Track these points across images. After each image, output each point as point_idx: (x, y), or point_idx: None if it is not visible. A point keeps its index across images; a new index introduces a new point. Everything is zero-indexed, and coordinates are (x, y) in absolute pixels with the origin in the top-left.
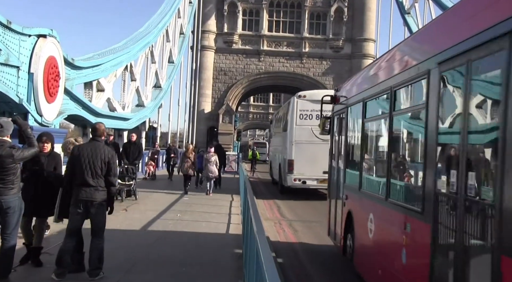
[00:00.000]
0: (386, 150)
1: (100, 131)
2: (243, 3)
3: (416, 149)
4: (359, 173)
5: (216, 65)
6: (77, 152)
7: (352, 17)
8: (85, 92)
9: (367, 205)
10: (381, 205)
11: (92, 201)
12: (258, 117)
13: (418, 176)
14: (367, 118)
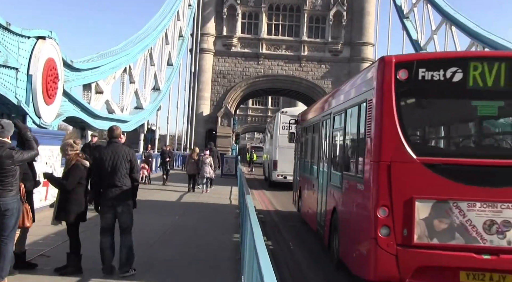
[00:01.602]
0: (313, 152)
1: (116, 133)
2: (242, 6)
3: (324, 148)
4: (303, 164)
5: (215, 68)
6: (99, 155)
7: (351, 21)
8: (84, 94)
9: (305, 180)
10: (308, 178)
11: (119, 200)
12: (257, 120)
13: (318, 163)
14: (307, 134)
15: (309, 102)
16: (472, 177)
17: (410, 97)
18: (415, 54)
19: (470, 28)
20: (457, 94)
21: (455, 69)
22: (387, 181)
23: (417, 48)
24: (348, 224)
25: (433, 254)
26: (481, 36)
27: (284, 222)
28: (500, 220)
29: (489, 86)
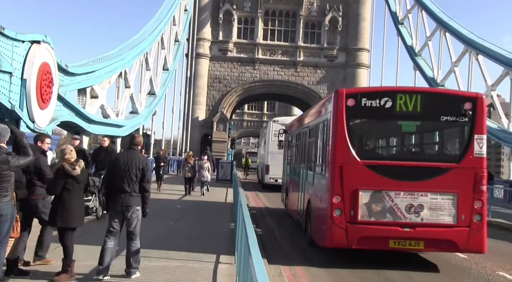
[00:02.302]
0: (296, 157)
1: (137, 140)
2: (238, 12)
3: (303, 155)
4: (289, 167)
5: (210, 73)
6: (114, 160)
7: (347, 26)
8: (79, 99)
9: (290, 181)
10: (292, 179)
11: (128, 206)
12: (253, 125)
13: (299, 166)
14: (292, 142)
15: (304, 107)
16: (398, 174)
17: (356, 118)
18: (359, 88)
19: (463, 35)
20: (388, 116)
21: (387, 99)
22: (339, 177)
23: (412, 54)
24: (316, 209)
25: (371, 228)
26: (474, 42)
27: (272, 215)
28: (417, 204)
29: (410, 111)
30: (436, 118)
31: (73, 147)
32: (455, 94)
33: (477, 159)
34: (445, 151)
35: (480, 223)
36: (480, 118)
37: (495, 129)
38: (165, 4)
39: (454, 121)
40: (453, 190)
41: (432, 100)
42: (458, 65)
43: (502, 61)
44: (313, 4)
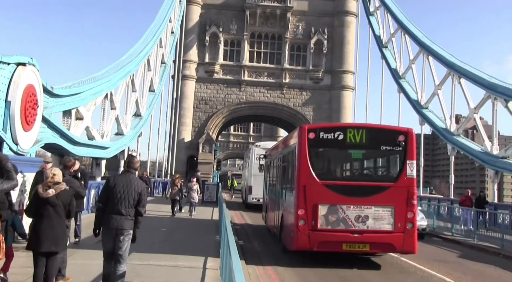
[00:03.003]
0: (273, 179)
1: (135, 165)
2: (224, 34)
3: (278, 177)
4: (268, 187)
5: (197, 94)
6: (112, 183)
7: (332, 49)
8: (64, 120)
9: (269, 199)
10: (270, 197)
11: (122, 229)
12: (239, 146)
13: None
14: (270, 166)
15: (290, 129)
16: (349, 192)
17: (315, 148)
18: (318, 125)
19: (446, 58)
20: (340, 146)
21: (339, 133)
22: (303, 194)
23: (396, 77)
24: (287, 221)
25: (328, 234)
26: (456, 66)
27: (254, 231)
28: (363, 215)
29: (357, 142)
30: (378, 148)
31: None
32: (392, 129)
33: (409, 179)
34: (385, 173)
35: (412, 229)
36: (410, 147)
37: (479, 151)
38: (152, 27)
39: (391, 150)
40: (391, 204)
41: (374, 134)
42: (441, 88)
43: (484, 85)
44: (298, 27)
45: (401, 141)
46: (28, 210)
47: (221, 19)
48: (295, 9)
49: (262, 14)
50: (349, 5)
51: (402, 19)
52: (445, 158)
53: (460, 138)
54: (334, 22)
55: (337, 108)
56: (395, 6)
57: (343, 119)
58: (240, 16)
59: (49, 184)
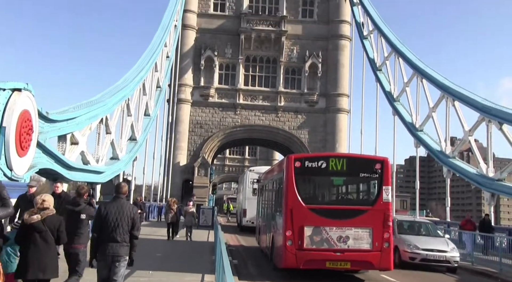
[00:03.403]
0: (265, 202)
1: (123, 190)
2: (219, 58)
3: (269, 201)
4: (261, 210)
5: (192, 118)
6: (104, 211)
7: (326, 72)
8: (59, 145)
9: (261, 221)
10: (263, 220)
11: (118, 256)
12: (234, 170)
13: (267, 209)
14: (263, 190)
15: (285, 152)
16: (331, 215)
17: (301, 175)
18: (304, 154)
19: (439, 81)
20: (323, 174)
21: (323, 161)
22: (290, 217)
23: (391, 100)
24: (276, 241)
25: (313, 253)
26: (450, 89)
27: (247, 252)
28: (344, 235)
29: (338, 170)
30: (357, 175)
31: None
32: (369, 158)
33: (385, 203)
34: (363, 198)
35: (388, 248)
36: (386, 175)
37: (475, 174)
38: (147, 51)
39: (369, 177)
40: (369, 226)
41: (353, 163)
42: (435, 111)
43: (478, 107)
44: (293, 51)
45: (377, 169)
46: (16, 238)
47: (216, 43)
48: (290, 33)
49: (257, 38)
50: (343, 29)
51: (395, 42)
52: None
53: (455, 160)
54: (328, 45)
55: (332, 131)
56: (388, 30)
57: (338, 142)
58: (235, 40)
59: (36, 210)
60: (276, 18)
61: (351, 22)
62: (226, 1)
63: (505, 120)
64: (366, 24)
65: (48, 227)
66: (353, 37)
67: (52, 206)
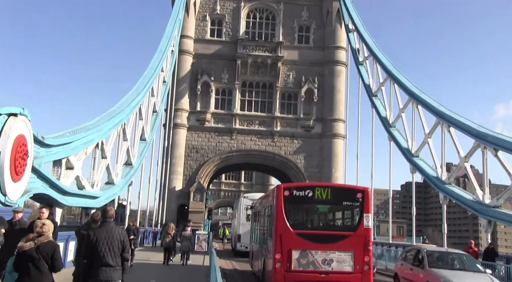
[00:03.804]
0: (258, 227)
1: (109, 214)
2: (216, 83)
3: (261, 226)
4: (254, 235)
5: (188, 143)
6: (94, 236)
7: (322, 98)
8: (54, 170)
9: (254, 246)
10: (256, 244)
11: (112, 280)
12: (230, 195)
13: (259, 234)
14: (256, 216)
15: (282, 177)
16: (317, 239)
17: (290, 203)
18: (292, 184)
19: (435, 107)
20: (310, 202)
21: (309, 191)
22: (280, 241)
23: (386, 125)
24: (267, 264)
25: (300, 275)
26: (446, 115)
27: (241, 274)
28: (329, 258)
29: (323, 199)
30: (340, 203)
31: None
32: (351, 188)
33: (366, 229)
34: (346, 224)
35: (368, 270)
36: (367, 203)
37: (471, 200)
38: (144, 76)
39: (351, 205)
40: (351, 250)
41: (337, 192)
42: (431, 137)
43: (473, 134)
44: (289, 76)
45: (359, 198)
46: (14, 266)
47: (213, 68)
48: (286, 58)
49: (253, 64)
50: (339, 55)
51: (390, 68)
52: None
53: (451, 186)
54: (324, 71)
55: (329, 156)
56: (384, 56)
57: (334, 167)
58: (232, 65)
59: (32, 236)
60: (273, 44)
61: (347, 48)
62: (223, 27)
63: (500, 146)
64: (361, 50)
65: (41, 254)
66: (348, 63)
67: (50, 232)
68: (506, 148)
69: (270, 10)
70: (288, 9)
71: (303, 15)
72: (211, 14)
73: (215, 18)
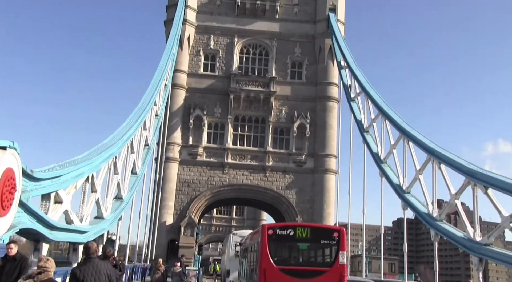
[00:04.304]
0: (245, 263)
1: (92, 250)
2: (208, 117)
3: (248, 262)
4: (242, 271)
5: (180, 177)
6: (80, 274)
7: (314, 133)
8: (42, 204)
9: (242, 280)
10: (243, 279)
11: None
12: (221, 229)
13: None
14: (243, 253)
15: (273, 212)
16: (298, 274)
17: (273, 241)
18: (276, 224)
19: (425, 144)
20: (291, 240)
21: (291, 230)
22: (264, 276)
23: (378, 161)
24: None
25: None
26: (436, 152)
27: None
28: None
29: (304, 237)
30: (318, 241)
31: None
32: (328, 228)
33: (341, 266)
34: (324, 260)
35: None
36: (342, 242)
37: (462, 238)
38: (137, 109)
39: (328, 243)
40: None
41: (316, 231)
42: (422, 173)
43: (463, 171)
44: (281, 111)
45: (335, 237)
46: None
47: (206, 102)
48: (278, 93)
49: (246, 98)
50: (331, 91)
51: (382, 105)
52: (429, 244)
53: (443, 223)
54: (317, 106)
55: (320, 191)
56: (375, 93)
57: (326, 203)
58: (224, 99)
59: (34, 272)
60: (265, 79)
61: (339, 85)
62: (216, 62)
63: (490, 184)
64: (353, 86)
65: None
66: (340, 98)
67: (52, 270)
68: (496, 185)
69: (263, 46)
70: (281, 45)
71: (296, 51)
72: (204, 49)
73: (208, 53)
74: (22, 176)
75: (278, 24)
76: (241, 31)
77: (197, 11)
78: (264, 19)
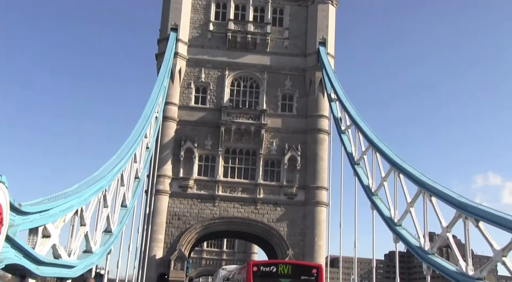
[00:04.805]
0: None
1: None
2: (199, 149)
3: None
4: None
5: (170, 210)
6: None
7: (305, 165)
8: (29, 238)
9: None
10: None
11: None
12: (211, 263)
13: None
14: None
15: (264, 244)
16: None
17: (258, 277)
18: (260, 261)
19: (416, 177)
20: (274, 276)
21: (273, 267)
22: None
23: (369, 194)
24: None
25: None
26: (427, 184)
27: None
28: None
29: (285, 273)
30: (299, 277)
31: None
32: (308, 265)
33: None
34: None
35: None
36: (321, 277)
37: (454, 271)
38: (127, 142)
39: (308, 279)
40: None
41: (296, 268)
42: (413, 206)
43: (454, 204)
44: (272, 144)
45: (314, 273)
46: None
47: (196, 135)
48: (269, 126)
49: (237, 131)
50: (322, 123)
51: (372, 137)
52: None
53: (434, 256)
54: (307, 139)
55: (311, 223)
56: (365, 125)
57: (317, 236)
58: (215, 132)
59: None
60: (256, 111)
61: (329, 117)
62: (207, 94)
63: (481, 217)
64: (343, 119)
65: None
66: (331, 131)
67: None
68: (486, 219)
69: (254, 78)
70: (272, 78)
71: (286, 84)
72: (195, 82)
73: (199, 85)
74: (10, 210)
75: (269, 57)
76: (232, 64)
77: (188, 44)
78: (255, 52)
